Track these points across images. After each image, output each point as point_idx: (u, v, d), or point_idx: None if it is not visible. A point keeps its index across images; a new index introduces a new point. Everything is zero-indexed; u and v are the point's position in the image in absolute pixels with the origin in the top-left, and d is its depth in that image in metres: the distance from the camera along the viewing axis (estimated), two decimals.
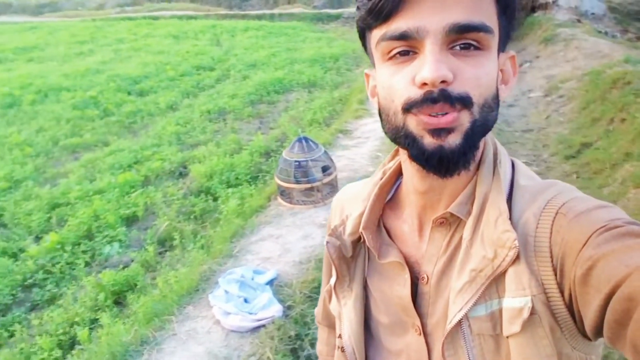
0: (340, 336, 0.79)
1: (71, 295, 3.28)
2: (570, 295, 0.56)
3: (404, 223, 0.74)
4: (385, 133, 0.65)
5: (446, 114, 0.57)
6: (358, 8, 0.61)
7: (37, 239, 4.08)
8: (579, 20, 9.53)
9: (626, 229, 0.53)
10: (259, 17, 14.72)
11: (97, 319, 3.00)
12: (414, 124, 0.59)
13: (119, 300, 3.25)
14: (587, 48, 7.75)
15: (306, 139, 3.83)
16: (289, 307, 2.69)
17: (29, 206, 4.51)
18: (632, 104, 5.39)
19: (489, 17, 0.57)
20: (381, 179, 0.77)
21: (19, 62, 10.82)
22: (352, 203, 0.79)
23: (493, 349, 0.62)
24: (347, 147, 4.80)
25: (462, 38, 0.56)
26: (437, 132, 0.58)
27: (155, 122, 6.62)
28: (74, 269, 3.59)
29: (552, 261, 0.58)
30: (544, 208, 0.60)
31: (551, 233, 0.58)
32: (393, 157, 0.78)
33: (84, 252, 3.80)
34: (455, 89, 0.57)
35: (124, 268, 3.52)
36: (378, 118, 0.68)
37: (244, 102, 7.18)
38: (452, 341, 0.64)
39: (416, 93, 0.58)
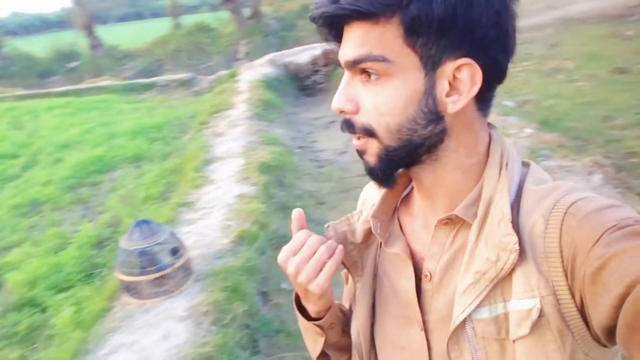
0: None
1: None
2: (581, 297, 0.55)
3: (415, 220, 0.76)
4: None
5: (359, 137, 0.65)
6: None
7: None
8: None
9: (638, 228, 0.52)
10: (64, 94, 13.34)
11: None
12: None
13: None
14: None
15: (146, 222, 3.37)
16: None
17: None
18: None
19: (384, 45, 0.59)
20: None
21: None
22: (372, 194, 0.82)
23: (498, 353, 0.62)
24: (193, 220, 4.39)
25: (360, 69, 0.62)
26: (358, 152, 0.67)
27: None
28: None
29: (562, 262, 0.57)
30: (552, 209, 0.60)
31: (561, 234, 0.58)
32: None
33: None
34: (359, 119, 0.64)
35: None
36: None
37: (60, 188, 6.28)
38: (457, 342, 0.64)
39: None
